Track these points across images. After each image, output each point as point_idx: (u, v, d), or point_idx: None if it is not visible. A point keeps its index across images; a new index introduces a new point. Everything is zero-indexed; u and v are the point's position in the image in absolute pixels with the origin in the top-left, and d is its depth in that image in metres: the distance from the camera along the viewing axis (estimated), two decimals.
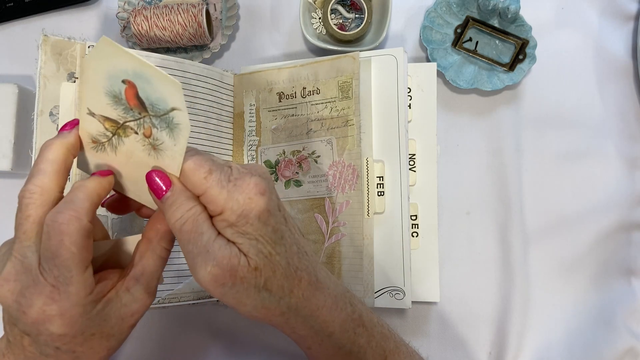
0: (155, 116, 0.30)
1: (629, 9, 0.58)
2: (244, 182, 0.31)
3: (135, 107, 0.31)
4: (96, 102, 0.32)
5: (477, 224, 0.55)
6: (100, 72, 0.31)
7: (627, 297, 0.53)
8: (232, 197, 0.31)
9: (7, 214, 0.57)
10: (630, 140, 0.56)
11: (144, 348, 0.55)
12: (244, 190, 0.31)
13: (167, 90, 0.29)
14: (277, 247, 0.32)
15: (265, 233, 0.31)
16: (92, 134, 0.33)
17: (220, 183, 0.31)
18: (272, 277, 0.32)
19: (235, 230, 0.31)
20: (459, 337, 0.53)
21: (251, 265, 0.31)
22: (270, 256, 0.32)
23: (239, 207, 0.30)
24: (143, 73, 0.29)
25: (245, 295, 0.32)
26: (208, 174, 0.31)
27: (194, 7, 0.55)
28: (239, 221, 0.31)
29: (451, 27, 0.56)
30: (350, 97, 0.51)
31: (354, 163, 0.50)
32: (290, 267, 0.33)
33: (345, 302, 0.36)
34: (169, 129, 0.30)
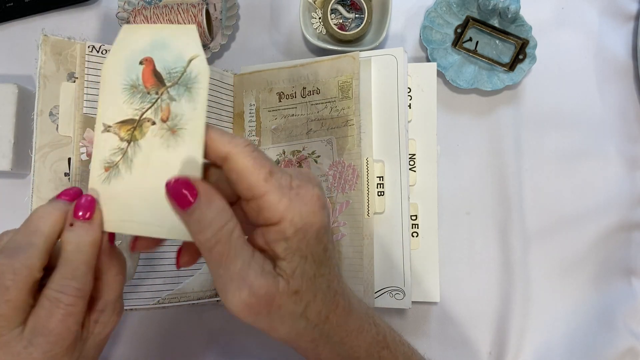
0: (173, 84, 0.30)
1: (629, 9, 0.58)
2: (307, 191, 0.28)
3: (153, 85, 0.31)
4: (112, 109, 0.31)
5: (477, 224, 0.55)
6: (118, 67, 0.31)
7: (627, 297, 0.53)
8: (293, 208, 0.27)
9: (7, 213, 0.57)
10: (630, 140, 0.55)
11: (144, 348, 0.55)
12: (307, 201, 0.28)
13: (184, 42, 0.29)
14: (322, 268, 0.29)
15: (316, 252, 0.28)
16: (106, 157, 0.32)
17: (282, 189, 0.27)
18: (313, 302, 0.29)
19: (289, 245, 0.27)
20: (459, 337, 0.53)
21: (291, 289, 0.28)
22: (315, 278, 0.29)
23: (300, 220, 0.27)
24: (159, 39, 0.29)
25: (280, 322, 0.29)
26: (269, 176, 0.27)
27: (193, 7, 0.55)
28: (297, 235, 0.27)
29: (451, 27, 0.56)
30: (350, 97, 0.51)
31: (354, 163, 0.50)
32: (330, 291, 0.30)
33: (370, 323, 0.34)
34: (188, 90, 0.29)
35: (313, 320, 0.30)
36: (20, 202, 0.50)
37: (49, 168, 0.47)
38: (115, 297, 0.32)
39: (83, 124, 0.47)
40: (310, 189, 0.28)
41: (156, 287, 0.49)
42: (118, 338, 0.55)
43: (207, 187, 0.28)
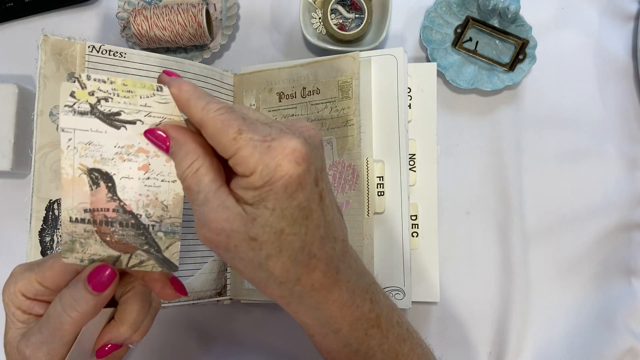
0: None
1: (629, 9, 0.58)
2: (280, 144, 0.28)
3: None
4: None
5: (477, 224, 0.55)
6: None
7: (627, 297, 0.53)
8: (262, 160, 0.27)
9: (7, 214, 0.57)
10: (630, 140, 0.56)
11: (144, 348, 0.55)
12: (277, 154, 0.27)
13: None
14: (294, 226, 0.28)
15: (286, 207, 0.28)
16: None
17: (252, 143, 0.28)
18: (276, 256, 0.29)
19: (257, 194, 0.28)
20: (459, 337, 0.53)
21: (248, 233, 0.28)
22: (281, 234, 0.28)
23: (267, 172, 0.27)
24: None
25: (241, 265, 0.29)
26: (237, 134, 0.28)
27: (193, 7, 0.55)
28: (264, 187, 0.28)
29: (451, 27, 0.56)
30: (350, 97, 0.51)
31: (354, 163, 0.50)
32: (304, 252, 0.29)
33: (364, 299, 0.33)
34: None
35: (278, 277, 0.29)
36: (20, 202, 0.50)
37: (49, 168, 0.47)
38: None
39: None
40: (286, 141, 0.28)
41: None
42: None
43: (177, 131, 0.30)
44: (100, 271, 0.31)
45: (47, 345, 0.31)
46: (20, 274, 0.33)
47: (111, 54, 0.48)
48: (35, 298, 0.33)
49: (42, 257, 0.46)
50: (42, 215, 0.46)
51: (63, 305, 0.31)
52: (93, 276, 0.31)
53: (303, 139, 0.29)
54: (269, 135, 0.28)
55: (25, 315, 0.33)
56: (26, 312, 0.33)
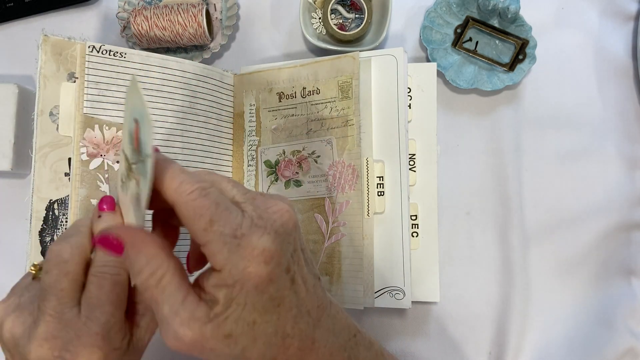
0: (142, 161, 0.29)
1: (629, 9, 0.58)
2: (250, 243, 0.27)
3: (136, 148, 0.30)
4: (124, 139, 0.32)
5: (477, 224, 0.55)
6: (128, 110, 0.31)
7: (627, 297, 0.53)
8: (231, 259, 0.27)
9: (7, 213, 0.57)
10: (630, 140, 0.56)
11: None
12: (246, 255, 0.27)
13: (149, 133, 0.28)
14: (266, 315, 0.29)
15: (257, 301, 0.28)
16: (121, 172, 0.33)
17: (223, 238, 0.27)
18: (251, 346, 0.29)
19: (228, 292, 0.28)
20: (459, 337, 0.53)
21: (222, 333, 0.28)
22: (254, 325, 0.28)
23: (237, 272, 0.27)
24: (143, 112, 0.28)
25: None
26: (208, 225, 0.27)
27: (193, 7, 0.55)
28: (235, 286, 0.27)
29: (451, 27, 0.56)
30: (350, 97, 0.51)
31: (354, 163, 0.50)
32: (277, 335, 0.29)
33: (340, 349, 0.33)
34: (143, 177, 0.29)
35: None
36: (20, 202, 0.50)
37: (49, 168, 0.47)
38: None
39: (83, 124, 0.47)
40: (255, 239, 0.27)
41: None
42: None
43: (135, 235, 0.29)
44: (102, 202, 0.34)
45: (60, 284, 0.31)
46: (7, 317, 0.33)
47: (111, 54, 0.48)
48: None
49: (43, 257, 0.46)
50: (42, 215, 0.46)
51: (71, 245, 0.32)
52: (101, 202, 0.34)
53: (274, 234, 0.28)
54: (239, 228, 0.28)
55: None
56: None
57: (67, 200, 0.47)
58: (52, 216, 0.47)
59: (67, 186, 0.47)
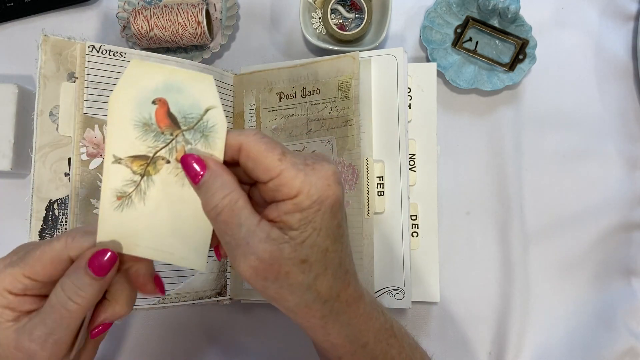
0: (189, 129, 0.29)
1: (629, 9, 0.58)
2: (322, 167, 0.29)
3: (167, 127, 0.30)
4: (123, 142, 0.31)
5: (477, 223, 0.55)
6: (128, 102, 0.30)
7: (627, 297, 0.53)
8: (309, 181, 0.28)
9: (7, 214, 0.57)
10: (630, 140, 0.56)
11: (144, 348, 0.55)
12: (322, 175, 0.29)
13: (200, 90, 0.28)
14: (335, 244, 0.30)
15: (330, 226, 0.29)
16: (118, 187, 0.31)
17: (296, 166, 0.29)
18: (323, 275, 0.30)
19: (304, 216, 0.28)
20: (459, 337, 0.53)
21: (299, 257, 0.29)
22: (327, 252, 0.29)
23: (316, 191, 0.28)
24: (173, 82, 0.28)
25: (289, 291, 0.29)
26: (282, 156, 0.29)
27: (193, 7, 0.55)
28: (312, 207, 0.28)
29: (451, 27, 0.56)
30: (350, 97, 0.51)
31: (354, 163, 0.50)
32: (342, 268, 0.31)
33: (378, 311, 0.34)
34: (204, 137, 0.29)
35: (324, 295, 0.30)
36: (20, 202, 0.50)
37: (49, 168, 0.47)
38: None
39: (83, 124, 0.47)
40: (325, 165, 0.29)
41: None
42: (118, 338, 0.55)
43: (216, 163, 0.30)
44: (100, 255, 0.31)
45: (54, 335, 0.31)
46: (3, 272, 0.32)
47: (111, 54, 0.48)
48: (24, 294, 0.32)
49: None
50: (42, 215, 0.46)
51: (67, 293, 0.31)
52: (94, 261, 0.31)
53: (334, 165, 0.30)
54: (309, 159, 0.30)
55: (14, 314, 0.32)
56: (16, 310, 0.32)
57: (67, 200, 0.47)
58: (52, 216, 0.47)
59: (67, 186, 0.47)
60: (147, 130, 0.30)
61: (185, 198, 0.31)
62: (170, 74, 0.28)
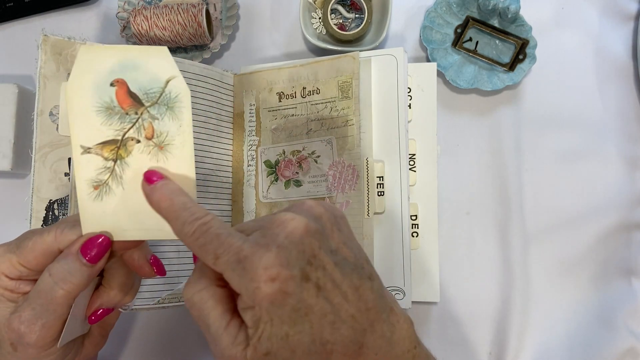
0: (153, 104, 0.29)
1: (629, 8, 0.57)
2: (253, 265, 0.28)
3: (130, 106, 0.30)
4: (89, 131, 0.30)
5: (477, 224, 0.55)
6: (86, 90, 0.29)
7: (628, 297, 0.53)
8: (242, 284, 0.28)
9: (7, 214, 0.57)
10: (630, 140, 0.55)
11: (144, 348, 0.55)
12: (252, 277, 0.28)
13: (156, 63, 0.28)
14: (296, 326, 0.28)
15: (281, 315, 0.28)
16: (92, 176, 0.31)
17: (230, 266, 0.28)
18: (291, 358, 0.29)
19: (252, 313, 0.28)
20: (459, 337, 0.53)
21: (260, 353, 0.28)
22: (287, 337, 0.28)
23: (249, 295, 0.28)
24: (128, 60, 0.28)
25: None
26: (215, 260, 0.29)
27: (193, 7, 0.55)
28: (255, 307, 0.28)
29: (451, 27, 0.56)
30: (350, 97, 0.51)
31: (354, 163, 0.50)
32: (316, 343, 0.29)
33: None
34: (169, 109, 0.29)
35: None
36: (20, 202, 0.50)
37: (49, 168, 0.47)
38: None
39: None
40: (257, 259, 0.28)
41: (156, 287, 0.49)
42: (118, 338, 0.55)
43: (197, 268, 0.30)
44: (93, 241, 0.32)
45: (42, 319, 0.32)
46: (2, 256, 0.34)
47: None
48: (19, 278, 0.34)
49: None
50: (42, 216, 0.46)
51: (55, 279, 0.32)
52: (87, 247, 0.32)
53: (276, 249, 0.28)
54: (242, 251, 0.28)
55: (14, 295, 0.34)
56: (14, 292, 0.33)
57: (66, 200, 0.47)
58: (52, 216, 0.47)
59: (66, 186, 0.47)
60: (110, 114, 0.30)
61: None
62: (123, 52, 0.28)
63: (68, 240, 0.33)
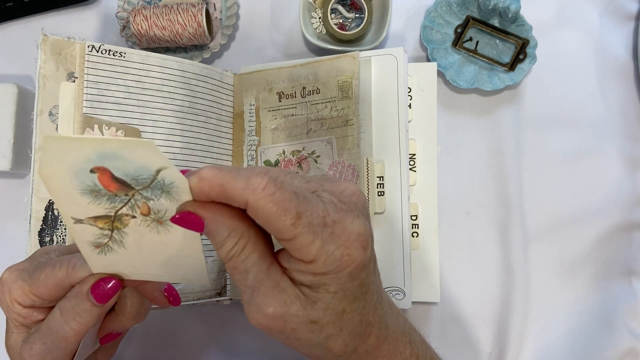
0: (144, 188, 0.26)
1: (629, 8, 0.57)
2: (344, 230, 0.26)
3: (118, 189, 0.26)
4: (76, 208, 0.27)
5: (478, 224, 0.55)
6: (63, 175, 0.26)
7: (628, 298, 0.53)
8: (326, 249, 0.25)
9: (7, 214, 0.57)
10: (631, 140, 0.55)
11: (144, 348, 0.55)
12: (343, 242, 0.26)
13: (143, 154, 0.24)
14: (355, 303, 0.27)
15: (348, 288, 0.27)
16: (91, 240, 0.29)
17: (313, 229, 0.25)
18: (337, 335, 0.27)
19: (317, 279, 0.26)
20: (459, 337, 0.53)
21: (307, 317, 0.26)
22: (343, 313, 0.27)
23: (333, 262, 0.26)
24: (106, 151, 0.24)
25: (297, 344, 0.28)
26: (296, 219, 0.25)
27: (193, 6, 0.55)
28: (327, 275, 0.26)
29: (451, 26, 0.56)
30: (350, 96, 0.50)
31: (354, 163, 0.50)
32: (362, 324, 0.28)
33: (405, 343, 0.32)
34: (165, 192, 0.26)
35: (337, 352, 0.28)
36: (20, 202, 0.50)
37: None
38: None
39: (83, 123, 0.47)
40: (349, 224, 0.26)
41: None
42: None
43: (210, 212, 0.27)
44: (103, 283, 0.31)
45: (51, 354, 0.32)
46: (14, 283, 0.33)
47: (111, 54, 0.48)
48: (32, 306, 0.33)
49: None
50: (42, 216, 0.46)
51: (65, 318, 0.31)
52: (96, 288, 0.31)
53: (363, 216, 0.27)
54: (328, 216, 0.26)
55: (26, 321, 0.33)
56: (27, 319, 0.33)
57: None
58: (51, 216, 0.46)
59: None
60: (97, 195, 0.27)
61: (165, 241, 0.29)
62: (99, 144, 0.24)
63: (79, 277, 0.31)
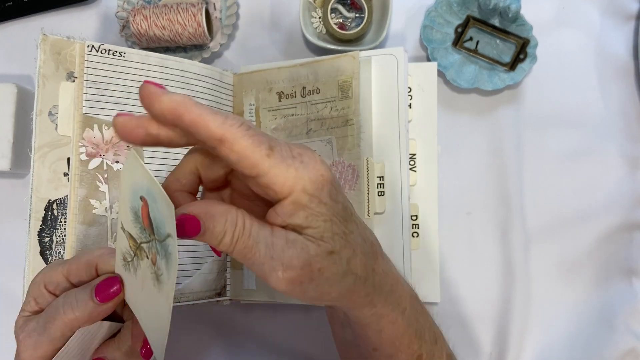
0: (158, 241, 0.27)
1: (630, 8, 0.57)
2: (311, 158, 0.28)
3: (147, 227, 0.28)
4: (125, 217, 0.30)
5: (478, 224, 0.55)
6: (128, 187, 0.28)
7: (628, 298, 0.53)
8: (302, 176, 0.27)
9: (7, 214, 0.57)
10: (631, 140, 0.55)
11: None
12: (313, 166, 0.27)
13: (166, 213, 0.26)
14: (349, 224, 0.29)
15: (337, 211, 0.28)
16: (123, 251, 0.31)
17: (285, 161, 0.27)
18: (354, 257, 0.29)
19: (308, 213, 0.27)
20: (459, 337, 0.53)
21: (325, 250, 0.28)
22: (346, 235, 0.28)
23: (312, 186, 0.27)
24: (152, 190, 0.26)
25: (328, 285, 0.29)
26: (270, 151, 0.26)
27: (193, 6, 0.55)
28: (312, 202, 0.27)
29: (452, 26, 0.56)
30: (350, 96, 0.50)
31: (354, 163, 0.50)
32: (366, 243, 0.30)
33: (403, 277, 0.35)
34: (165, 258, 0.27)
35: (362, 275, 0.30)
36: (20, 202, 0.50)
37: (48, 168, 0.46)
38: None
39: (82, 123, 0.47)
40: (310, 154, 0.28)
41: None
42: None
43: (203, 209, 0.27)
44: (109, 283, 0.32)
45: (37, 334, 0.32)
46: (51, 266, 0.34)
47: (111, 54, 0.48)
48: (54, 292, 0.33)
49: (41, 257, 0.46)
50: (41, 216, 0.46)
51: (63, 302, 0.32)
52: (101, 286, 0.32)
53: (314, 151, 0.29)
54: (294, 149, 0.28)
55: (36, 307, 0.33)
56: (38, 304, 0.33)
57: (66, 201, 0.47)
58: (51, 216, 0.46)
59: (66, 186, 0.47)
60: (136, 219, 0.29)
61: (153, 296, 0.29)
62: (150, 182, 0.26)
63: (103, 265, 0.33)
